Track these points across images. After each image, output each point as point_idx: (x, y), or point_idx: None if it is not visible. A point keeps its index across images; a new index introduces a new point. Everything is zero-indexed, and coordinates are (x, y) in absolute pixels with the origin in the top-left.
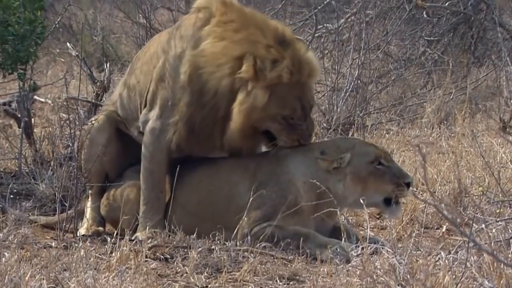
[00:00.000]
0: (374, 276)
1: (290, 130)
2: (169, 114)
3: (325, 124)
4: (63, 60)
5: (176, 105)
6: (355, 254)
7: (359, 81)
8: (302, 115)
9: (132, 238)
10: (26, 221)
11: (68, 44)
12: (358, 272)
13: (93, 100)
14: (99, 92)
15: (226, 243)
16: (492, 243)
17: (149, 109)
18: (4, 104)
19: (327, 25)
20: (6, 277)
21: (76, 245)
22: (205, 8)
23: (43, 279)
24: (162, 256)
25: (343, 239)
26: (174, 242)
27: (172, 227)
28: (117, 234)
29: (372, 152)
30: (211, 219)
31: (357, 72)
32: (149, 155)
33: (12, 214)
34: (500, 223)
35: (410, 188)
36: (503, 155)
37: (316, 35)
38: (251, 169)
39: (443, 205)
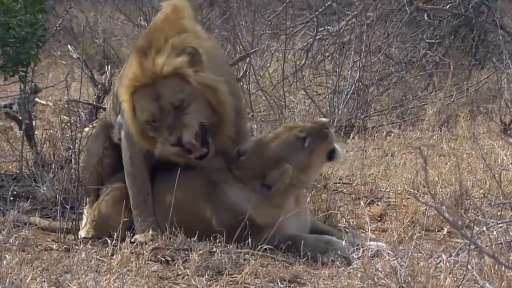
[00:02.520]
0: (375, 278)
1: (157, 134)
2: None
3: None
4: (64, 62)
5: None
6: (356, 257)
7: (360, 84)
8: (162, 116)
9: (132, 240)
10: (26, 223)
11: (69, 46)
12: (359, 275)
13: (94, 103)
14: (100, 95)
15: (227, 245)
16: (493, 246)
17: (122, 114)
18: (5, 106)
19: (328, 27)
20: (7, 279)
21: (77, 247)
22: (164, 6)
23: (44, 281)
24: (163, 259)
25: (343, 241)
26: (175, 245)
27: (173, 229)
28: (117, 236)
29: (294, 139)
30: (193, 228)
31: (358, 74)
32: (128, 160)
33: (10, 216)
34: (501, 225)
35: (330, 128)
36: (504, 157)
37: (317, 37)
38: (204, 187)
39: (444, 207)
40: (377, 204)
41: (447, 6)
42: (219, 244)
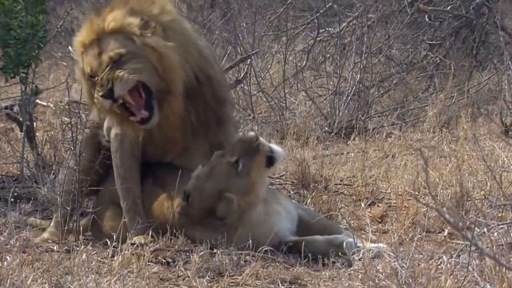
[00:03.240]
0: (376, 280)
1: (94, 89)
2: None
3: (327, 128)
4: (65, 63)
5: None
6: (357, 258)
7: (361, 85)
8: (100, 70)
9: (132, 242)
10: (26, 224)
11: (70, 47)
12: (360, 276)
13: None
14: None
15: (228, 246)
16: (494, 247)
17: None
18: (6, 108)
19: (329, 29)
20: (8, 281)
21: (78, 249)
22: None
23: (45, 283)
24: (163, 260)
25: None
26: (176, 246)
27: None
28: (117, 238)
29: (227, 168)
30: None
31: (359, 76)
32: (118, 162)
33: (12, 217)
34: (502, 226)
35: (260, 138)
36: (505, 159)
37: (318, 39)
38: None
39: (445, 209)
40: (378, 206)
41: (448, 8)
42: (220, 246)
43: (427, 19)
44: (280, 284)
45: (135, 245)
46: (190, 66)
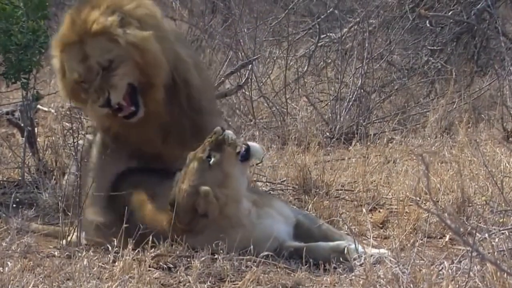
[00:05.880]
0: (377, 285)
1: (86, 95)
2: None
3: (328, 133)
4: None
5: None
6: (358, 264)
7: (362, 90)
8: (90, 77)
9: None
10: (28, 230)
11: None
12: (361, 282)
13: None
14: None
15: (229, 252)
16: (495, 253)
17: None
18: (8, 113)
19: (330, 34)
20: (9, 286)
21: (79, 254)
22: None
23: None
24: (165, 265)
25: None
26: (177, 251)
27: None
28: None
29: (199, 164)
30: None
31: (360, 81)
32: (94, 159)
33: (14, 223)
34: (503, 232)
35: (226, 131)
36: (507, 164)
37: (319, 44)
38: None
39: (446, 214)
40: (379, 211)
41: (449, 13)
42: (221, 251)
43: (428, 25)
44: None
45: (136, 250)
46: (166, 59)
